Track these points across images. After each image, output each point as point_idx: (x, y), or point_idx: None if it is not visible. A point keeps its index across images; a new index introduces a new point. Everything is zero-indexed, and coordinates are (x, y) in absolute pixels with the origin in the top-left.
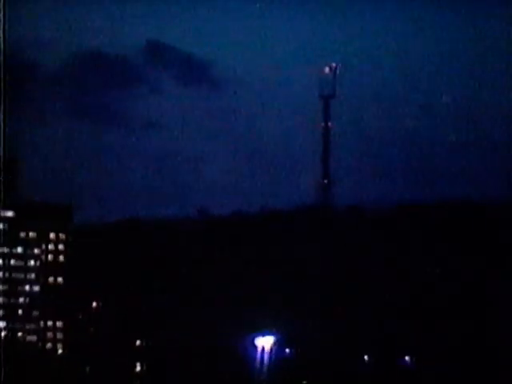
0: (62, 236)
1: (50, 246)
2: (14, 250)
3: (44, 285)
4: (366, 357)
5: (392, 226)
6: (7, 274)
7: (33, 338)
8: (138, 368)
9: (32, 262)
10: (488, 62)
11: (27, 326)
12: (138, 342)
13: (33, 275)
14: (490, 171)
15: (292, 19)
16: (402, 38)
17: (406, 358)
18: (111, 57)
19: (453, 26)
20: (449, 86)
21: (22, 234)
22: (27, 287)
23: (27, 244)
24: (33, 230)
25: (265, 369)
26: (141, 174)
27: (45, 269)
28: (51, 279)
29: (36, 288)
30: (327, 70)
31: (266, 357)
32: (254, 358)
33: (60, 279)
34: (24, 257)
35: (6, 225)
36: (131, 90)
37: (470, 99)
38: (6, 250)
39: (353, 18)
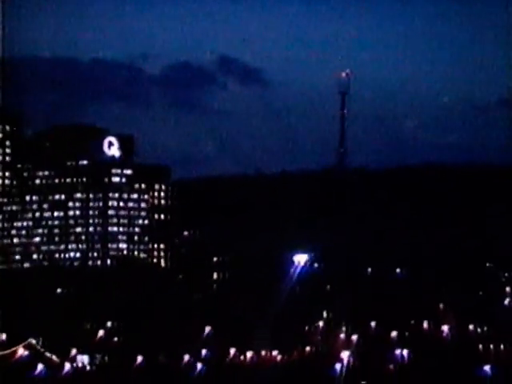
0: (163, 187)
1: (156, 194)
2: (131, 196)
3: (151, 219)
4: (369, 269)
5: (388, 180)
6: (127, 212)
7: (144, 255)
8: (215, 276)
9: (143, 204)
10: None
11: (141, 247)
12: (215, 259)
13: (143, 213)
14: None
15: (317, 38)
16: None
17: (397, 269)
18: (195, 66)
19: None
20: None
21: (137, 186)
22: (140, 221)
23: (140, 192)
24: (144, 183)
25: (296, 277)
26: (216, 146)
27: (152, 209)
28: (156, 216)
29: (146, 222)
30: (344, 74)
31: (299, 269)
32: (291, 270)
33: (162, 216)
34: (138, 201)
35: (127, 179)
36: (208, 89)
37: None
38: (125, 195)
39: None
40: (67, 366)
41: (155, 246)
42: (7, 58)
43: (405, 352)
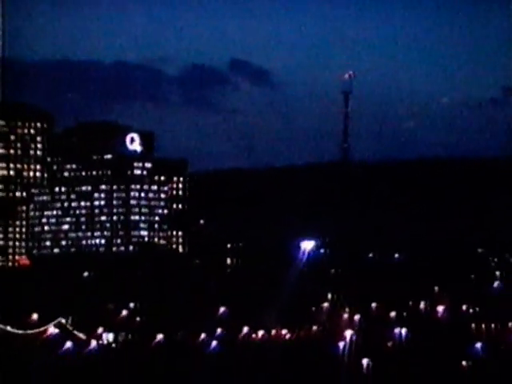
0: (181, 179)
1: (174, 185)
2: (151, 187)
3: (170, 209)
4: (370, 254)
5: (387, 173)
6: (147, 202)
7: (163, 241)
8: (229, 261)
9: (162, 195)
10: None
11: (160, 234)
12: (228, 245)
13: (163, 203)
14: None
15: (319, 43)
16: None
17: (396, 255)
18: (210, 68)
19: None
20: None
21: (156, 178)
22: (159, 210)
23: (159, 184)
24: (163, 175)
25: (303, 262)
26: (229, 141)
27: (170, 199)
28: (174, 205)
29: (165, 211)
30: (347, 76)
31: (306, 255)
32: (298, 255)
33: (180, 206)
34: (157, 192)
35: (147, 172)
36: (221, 89)
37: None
38: (146, 187)
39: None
40: (93, 343)
41: (173, 233)
42: (39, 62)
43: (403, 331)
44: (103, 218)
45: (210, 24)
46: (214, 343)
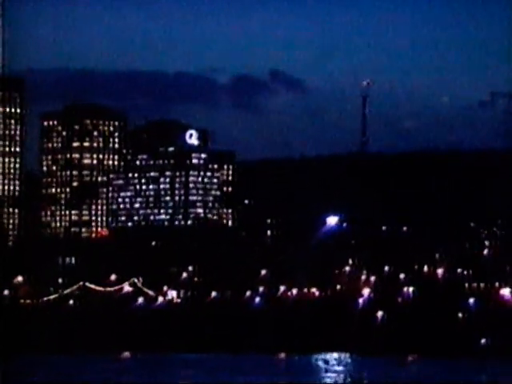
0: (230, 167)
1: (224, 172)
2: (206, 174)
3: (221, 191)
4: (384, 227)
5: (400, 162)
6: (203, 186)
7: (216, 217)
8: (269, 233)
9: (215, 180)
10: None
11: (213, 212)
12: (268, 220)
13: (215, 186)
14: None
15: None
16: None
17: (404, 228)
18: (253, 77)
19: None
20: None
21: (210, 166)
22: (213, 192)
23: (213, 170)
24: (216, 164)
25: (329, 233)
26: (269, 136)
27: (221, 183)
28: (224, 188)
29: (218, 192)
30: (365, 83)
31: (331, 228)
32: (324, 228)
33: (230, 188)
34: (211, 177)
35: (203, 161)
36: (262, 94)
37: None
38: (202, 173)
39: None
40: (160, 299)
41: (224, 210)
42: (114, 73)
43: (410, 289)
44: (167, 198)
45: (254, 40)
46: (257, 299)
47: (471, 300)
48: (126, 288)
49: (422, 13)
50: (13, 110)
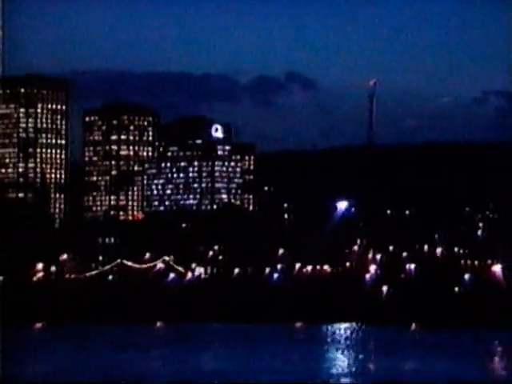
0: (251, 157)
1: (246, 162)
2: (230, 164)
3: (244, 179)
4: (388, 211)
5: (403, 153)
6: (227, 174)
7: (239, 203)
8: (286, 216)
9: (238, 169)
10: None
11: (236, 197)
12: (285, 205)
13: (238, 175)
14: None
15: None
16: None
17: (407, 211)
18: (271, 78)
19: None
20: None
21: (233, 157)
22: (236, 180)
23: (236, 161)
24: (238, 155)
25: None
26: (285, 130)
27: (243, 172)
28: (246, 177)
29: (240, 180)
30: (372, 82)
31: (341, 211)
32: (336, 211)
33: (251, 177)
34: (234, 167)
35: (227, 152)
36: (279, 93)
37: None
38: (226, 163)
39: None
40: (189, 274)
41: (246, 196)
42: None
43: (412, 266)
44: (195, 185)
45: (272, 45)
46: (276, 275)
47: (467, 276)
48: (159, 265)
49: (426, 17)
50: (59, 106)
